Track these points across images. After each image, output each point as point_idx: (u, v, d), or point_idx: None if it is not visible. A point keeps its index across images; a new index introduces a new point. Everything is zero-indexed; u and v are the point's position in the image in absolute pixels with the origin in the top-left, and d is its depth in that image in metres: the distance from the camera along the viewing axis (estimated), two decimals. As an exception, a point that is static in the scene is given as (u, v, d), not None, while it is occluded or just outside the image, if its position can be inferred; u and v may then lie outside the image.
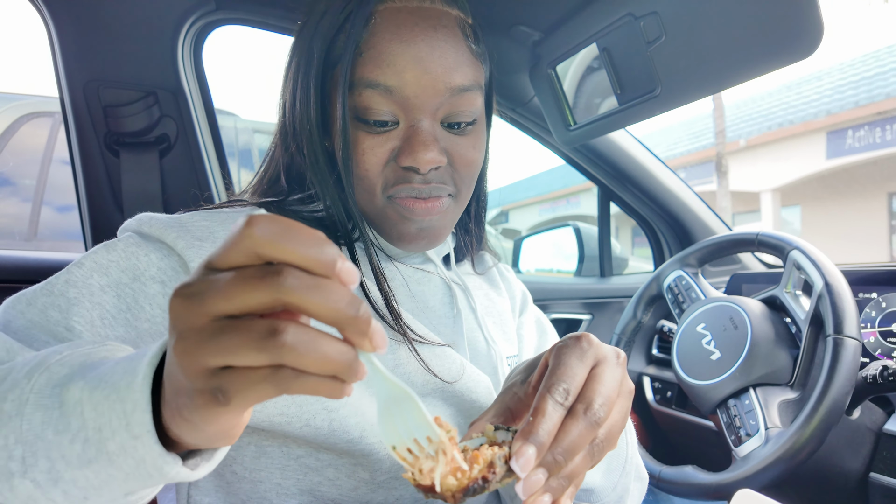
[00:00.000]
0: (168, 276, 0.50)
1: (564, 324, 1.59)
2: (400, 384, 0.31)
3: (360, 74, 0.53)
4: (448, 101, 0.55)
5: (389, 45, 0.52)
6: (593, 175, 1.41)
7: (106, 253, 0.50)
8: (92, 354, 0.37)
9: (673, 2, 0.73)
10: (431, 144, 0.53)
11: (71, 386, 0.33)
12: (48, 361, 0.35)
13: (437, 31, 0.53)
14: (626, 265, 1.71)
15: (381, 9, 0.53)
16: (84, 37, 0.97)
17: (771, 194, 11.16)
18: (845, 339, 0.76)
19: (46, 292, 0.47)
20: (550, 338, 0.79)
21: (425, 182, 0.55)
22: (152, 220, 0.52)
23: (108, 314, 0.47)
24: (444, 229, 0.60)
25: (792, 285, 0.90)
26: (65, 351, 0.36)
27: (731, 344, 0.89)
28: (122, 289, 0.48)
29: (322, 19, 0.55)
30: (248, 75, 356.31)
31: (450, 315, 0.64)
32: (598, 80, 0.91)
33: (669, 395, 1.17)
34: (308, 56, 0.56)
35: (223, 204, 0.62)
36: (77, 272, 0.48)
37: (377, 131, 0.54)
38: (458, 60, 0.54)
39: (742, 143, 11.58)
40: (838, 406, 0.74)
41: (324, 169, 0.56)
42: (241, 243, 0.26)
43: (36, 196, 2.21)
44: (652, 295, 1.12)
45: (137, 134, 1.03)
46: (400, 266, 0.63)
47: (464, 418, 0.60)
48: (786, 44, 0.64)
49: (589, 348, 0.41)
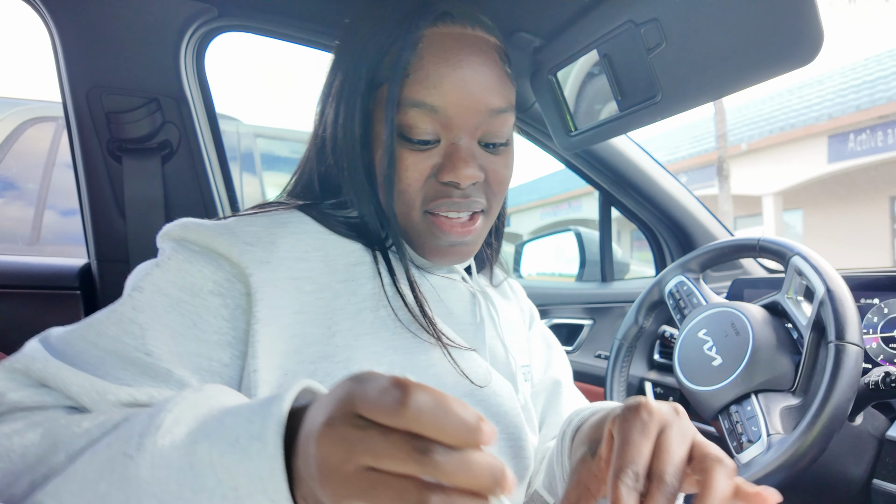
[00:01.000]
0: (224, 288, 0.51)
1: (566, 329, 1.59)
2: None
3: (406, 94, 0.55)
4: (486, 122, 0.58)
5: (436, 67, 0.55)
6: (594, 180, 1.42)
7: (161, 274, 0.51)
8: (199, 404, 0.37)
9: (673, 9, 0.73)
10: (471, 161, 0.57)
11: (197, 448, 0.34)
12: (163, 420, 0.36)
13: (479, 56, 0.57)
14: (628, 270, 1.71)
15: (428, 33, 0.56)
16: (87, 43, 0.97)
17: (773, 198, 11.14)
18: (847, 346, 0.75)
19: (115, 321, 0.48)
20: (556, 352, 0.82)
21: (464, 196, 0.58)
22: (200, 229, 0.53)
23: (177, 332, 0.49)
24: (474, 245, 0.63)
25: (793, 291, 0.90)
26: (173, 406, 0.37)
27: (733, 350, 0.89)
28: (183, 306, 0.50)
29: (369, 42, 0.58)
30: (250, 80, 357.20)
31: (472, 323, 0.66)
32: (599, 87, 0.91)
33: (671, 400, 1.16)
34: (354, 76, 0.58)
35: (262, 206, 0.63)
36: (140, 297, 0.49)
37: (419, 148, 0.57)
38: (496, 83, 0.58)
39: (744, 146, 11.57)
40: (841, 412, 0.74)
41: (363, 182, 0.59)
42: (396, 413, 0.27)
43: (39, 201, 2.22)
44: (653, 300, 1.12)
45: (140, 140, 1.03)
46: (427, 274, 0.66)
47: (492, 420, 0.61)
48: (786, 51, 0.65)
49: (650, 419, 0.40)
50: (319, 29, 1.07)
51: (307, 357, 0.52)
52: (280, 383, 0.50)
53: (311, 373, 0.51)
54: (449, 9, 0.57)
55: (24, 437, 0.40)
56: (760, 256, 0.98)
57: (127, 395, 0.44)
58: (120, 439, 0.36)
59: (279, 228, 0.56)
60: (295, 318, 0.52)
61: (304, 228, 0.57)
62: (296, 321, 0.52)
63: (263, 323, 0.50)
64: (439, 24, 0.57)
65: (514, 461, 0.62)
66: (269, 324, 0.50)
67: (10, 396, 0.43)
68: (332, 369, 0.52)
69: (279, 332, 0.51)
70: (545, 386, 0.77)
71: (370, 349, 0.54)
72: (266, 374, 0.49)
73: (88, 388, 0.43)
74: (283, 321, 0.51)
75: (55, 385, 0.44)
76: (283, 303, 0.52)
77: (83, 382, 0.43)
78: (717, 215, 1.44)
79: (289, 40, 1.09)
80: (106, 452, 0.36)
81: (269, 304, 0.50)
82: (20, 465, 0.39)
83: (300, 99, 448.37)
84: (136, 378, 0.46)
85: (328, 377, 0.51)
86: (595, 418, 0.50)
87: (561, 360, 0.83)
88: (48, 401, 0.44)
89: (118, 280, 1.08)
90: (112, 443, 0.37)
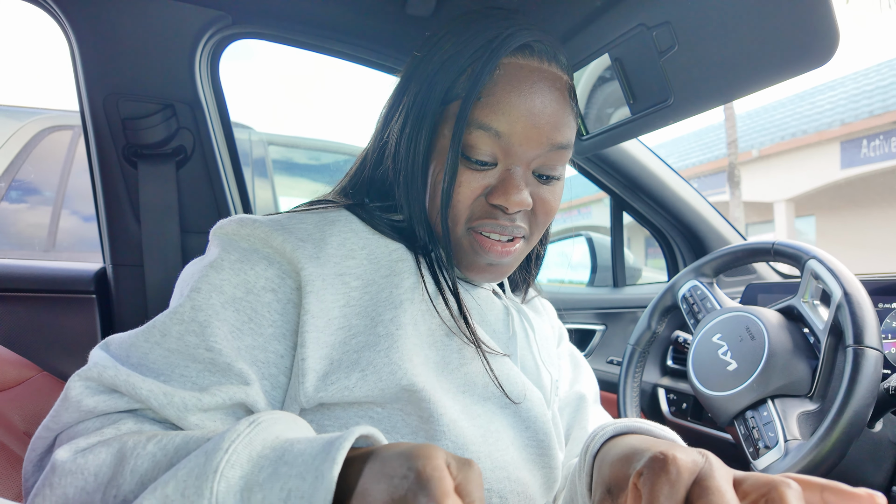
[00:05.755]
0: (276, 283, 0.54)
1: (578, 334, 1.58)
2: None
3: (474, 116, 0.57)
4: (545, 155, 0.60)
5: (508, 95, 0.57)
6: (606, 184, 1.41)
7: (216, 273, 0.53)
8: (254, 441, 0.39)
9: (685, 12, 0.73)
10: (523, 188, 0.59)
11: (251, 497, 0.35)
12: (219, 464, 0.37)
13: (550, 91, 0.59)
14: (640, 275, 1.70)
15: (506, 62, 0.58)
16: (104, 51, 0.99)
17: (785, 205, 11.04)
18: (866, 350, 0.74)
19: (177, 321, 0.50)
20: (584, 370, 0.83)
21: (509, 221, 0.60)
22: (255, 225, 0.55)
23: (235, 328, 0.51)
24: (510, 267, 0.64)
25: (809, 295, 0.89)
26: (229, 446, 0.38)
27: (748, 354, 0.88)
28: (238, 303, 0.52)
29: (449, 59, 0.60)
30: (263, 89, 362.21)
31: (505, 334, 0.67)
32: (611, 90, 0.91)
33: (685, 406, 1.15)
34: (428, 89, 0.60)
35: (312, 203, 0.66)
36: (198, 297, 0.51)
37: (476, 168, 0.59)
38: (561, 120, 0.60)
39: (755, 153, 11.48)
40: (860, 418, 0.72)
41: (420, 192, 0.61)
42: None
43: (55, 207, 2.26)
44: (666, 305, 1.11)
45: (155, 146, 1.05)
46: (462, 283, 0.68)
47: (522, 428, 0.62)
48: (800, 52, 0.64)
49: (678, 477, 0.38)
50: (332, 36, 1.08)
51: (352, 347, 0.54)
52: (326, 372, 0.52)
53: (354, 361, 0.53)
54: (531, 42, 0.59)
55: (98, 455, 0.43)
56: (775, 260, 0.96)
57: (192, 398, 0.47)
58: (179, 480, 0.37)
59: (329, 227, 0.58)
60: (342, 312, 0.54)
61: (351, 227, 0.59)
62: (342, 314, 0.54)
63: (312, 315, 0.52)
64: (518, 55, 0.59)
65: (543, 471, 0.62)
66: (319, 316, 0.53)
67: (86, 402, 0.47)
68: (374, 358, 0.53)
69: (326, 324, 0.53)
70: (570, 401, 0.77)
71: (409, 340, 0.56)
72: (313, 362, 0.52)
73: (157, 393, 0.46)
74: (331, 314, 0.54)
75: (126, 391, 0.47)
76: (330, 297, 0.54)
77: (151, 387, 0.46)
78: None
79: (302, 47, 1.10)
80: (163, 491, 0.38)
81: (318, 297, 0.53)
82: (93, 483, 0.42)
83: (312, 107, 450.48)
84: (201, 374, 0.49)
85: (370, 366, 0.53)
86: (618, 453, 0.48)
87: (588, 378, 0.83)
88: (120, 405, 0.47)
89: (133, 284, 1.10)
90: (169, 481, 0.38)
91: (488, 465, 0.55)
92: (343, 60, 1.15)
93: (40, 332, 1.06)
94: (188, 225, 1.10)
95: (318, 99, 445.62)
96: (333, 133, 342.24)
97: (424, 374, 0.55)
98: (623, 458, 0.46)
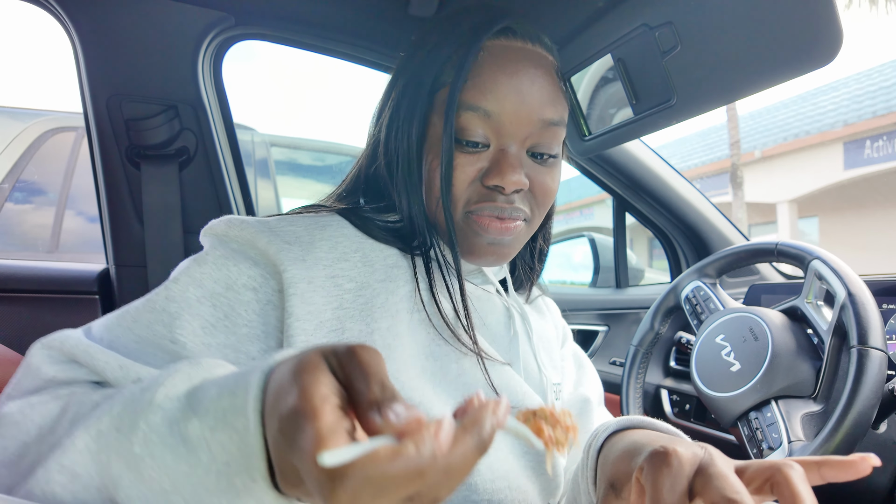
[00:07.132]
0: (258, 283, 0.53)
1: (581, 335, 1.58)
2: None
3: (463, 98, 0.57)
4: (537, 132, 0.59)
5: (495, 75, 0.58)
6: (608, 185, 1.41)
7: (198, 267, 0.53)
8: (193, 377, 0.38)
9: (688, 12, 0.73)
10: (518, 168, 0.58)
11: (188, 424, 0.34)
12: (155, 397, 0.36)
13: (535, 69, 0.59)
14: (643, 276, 1.70)
15: (490, 44, 0.59)
16: (108, 52, 0.99)
17: (787, 205, 11.02)
18: (870, 351, 0.74)
19: (149, 309, 0.50)
20: (588, 372, 0.81)
21: (508, 202, 0.59)
22: (243, 226, 0.55)
23: (208, 323, 0.50)
24: (512, 249, 0.63)
25: (813, 296, 0.89)
26: (165, 380, 0.37)
27: (752, 355, 0.87)
28: (217, 298, 0.51)
29: (434, 50, 0.61)
30: (266, 91, 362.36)
31: (506, 336, 0.67)
32: (613, 91, 0.91)
33: (688, 407, 1.15)
34: (416, 81, 0.61)
35: (305, 208, 0.65)
36: (174, 288, 0.51)
37: (468, 151, 0.59)
38: (550, 96, 0.60)
39: (757, 153, 11.46)
40: (864, 419, 0.72)
41: (416, 182, 0.61)
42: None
43: (58, 208, 2.26)
44: (669, 306, 1.10)
45: (158, 147, 1.05)
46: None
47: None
48: (804, 51, 0.64)
49: (680, 470, 0.38)
50: (335, 37, 1.09)
51: None
52: None
53: None
54: (512, 25, 0.60)
55: (45, 407, 0.42)
56: (779, 260, 0.96)
57: (147, 373, 0.45)
58: (114, 416, 0.37)
59: (319, 230, 0.57)
60: (335, 315, 0.53)
61: (343, 232, 0.59)
62: (335, 317, 0.53)
63: (297, 318, 0.51)
64: (501, 37, 0.59)
65: (543, 477, 0.61)
66: (307, 319, 0.52)
67: (45, 370, 0.46)
68: None
69: (317, 327, 0.52)
70: (574, 403, 0.76)
71: (406, 351, 0.55)
72: None
73: (113, 365, 0.45)
74: (323, 316, 0.53)
75: (84, 361, 0.46)
76: (321, 299, 0.53)
77: (108, 359, 0.45)
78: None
79: (305, 48, 1.10)
80: (96, 427, 0.37)
81: (304, 300, 0.52)
82: (35, 434, 0.41)
83: (315, 109, 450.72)
84: (165, 364, 0.47)
85: None
86: (620, 449, 0.49)
87: (593, 380, 0.82)
88: (80, 375, 0.47)
89: (136, 284, 1.10)
90: (102, 417, 0.37)
91: (489, 476, 0.55)
92: (346, 62, 1.15)
93: (44, 332, 1.05)
94: (191, 226, 1.10)
95: (321, 101, 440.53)
96: (337, 135, 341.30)
97: (420, 386, 0.54)
98: (625, 453, 0.47)
